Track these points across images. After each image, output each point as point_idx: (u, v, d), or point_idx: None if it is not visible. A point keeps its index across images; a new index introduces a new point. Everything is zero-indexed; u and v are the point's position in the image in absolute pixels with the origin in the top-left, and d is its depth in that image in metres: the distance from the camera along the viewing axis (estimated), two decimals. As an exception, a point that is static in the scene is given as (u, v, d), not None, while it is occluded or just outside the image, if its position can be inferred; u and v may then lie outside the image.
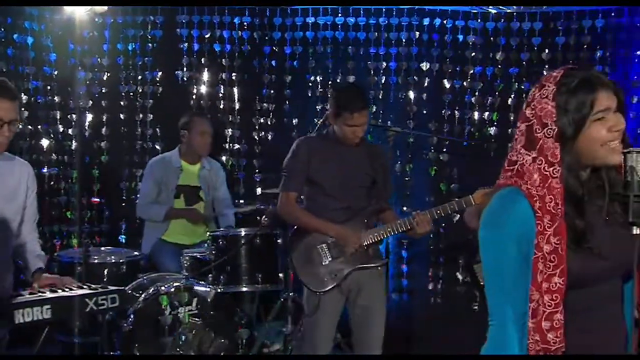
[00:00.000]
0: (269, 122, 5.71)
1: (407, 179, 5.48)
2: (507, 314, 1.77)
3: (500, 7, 5.30)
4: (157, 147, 5.76)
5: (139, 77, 5.76)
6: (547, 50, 5.28)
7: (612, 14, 5.14)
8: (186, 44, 5.71)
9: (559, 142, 1.77)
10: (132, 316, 4.06)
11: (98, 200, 5.72)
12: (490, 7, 5.30)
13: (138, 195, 5.40)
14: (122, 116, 5.79)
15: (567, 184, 1.77)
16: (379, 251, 4.01)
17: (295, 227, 3.96)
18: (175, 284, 4.16)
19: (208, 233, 4.50)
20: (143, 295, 4.16)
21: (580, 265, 1.76)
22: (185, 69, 5.73)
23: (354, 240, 3.77)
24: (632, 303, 1.85)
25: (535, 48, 5.30)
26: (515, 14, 5.32)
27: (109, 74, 5.76)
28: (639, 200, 1.73)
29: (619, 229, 1.78)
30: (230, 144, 5.76)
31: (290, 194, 3.90)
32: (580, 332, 1.79)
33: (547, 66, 5.26)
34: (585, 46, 5.20)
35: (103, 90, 5.78)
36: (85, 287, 3.17)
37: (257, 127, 5.73)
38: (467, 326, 3.79)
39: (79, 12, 5.14)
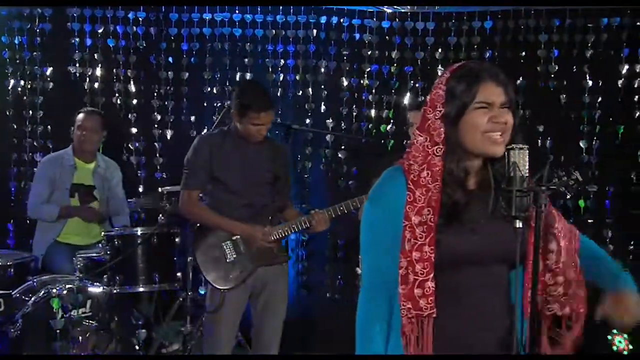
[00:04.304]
0: (167, 120, 5.61)
1: (305, 176, 5.52)
2: (375, 279, 1.90)
3: (395, 6, 5.43)
4: (50, 145, 5.55)
5: (28, 72, 5.53)
6: (440, 50, 5.45)
7: (499, 16, 5.36)
8: (78, 39, 5.52)
9: (444, 124, 1.87)
10: (20, 321, 3.91)
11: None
12: (385, 6, 5.42)
13: (29, 195, 5.16)
14: (8, 112, 5.55)
15: (447, 164, 1.87)
16: (282, 247, 4.02)
17: (198, 224, 3.92)
18: (67, 286, 4.04)
19: (103, 233, 4.37)
20: (33, 299, 4.01)
21: (453, 240, 1.85)
22: (77, 64, 5.54)
23: (262, 237, 3.77)
24: (521, 295, 1.92)
25: (429, 47, 5.45)
26: (409, 13, 5.46)
27: (-7, 68, 5.51)
28: (522, 195, 1.81)
29: (503, 223, 1.86)
30: (128, 142, 5.61)
31: (192, 192, 3.85)
32: (449, 315, 1.86)
33: (440, 65, 5.42)
34: (475, 46, 5.40)
35: (-13, 85, 5.53)
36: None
37: (155, 124, 5.61)
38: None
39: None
